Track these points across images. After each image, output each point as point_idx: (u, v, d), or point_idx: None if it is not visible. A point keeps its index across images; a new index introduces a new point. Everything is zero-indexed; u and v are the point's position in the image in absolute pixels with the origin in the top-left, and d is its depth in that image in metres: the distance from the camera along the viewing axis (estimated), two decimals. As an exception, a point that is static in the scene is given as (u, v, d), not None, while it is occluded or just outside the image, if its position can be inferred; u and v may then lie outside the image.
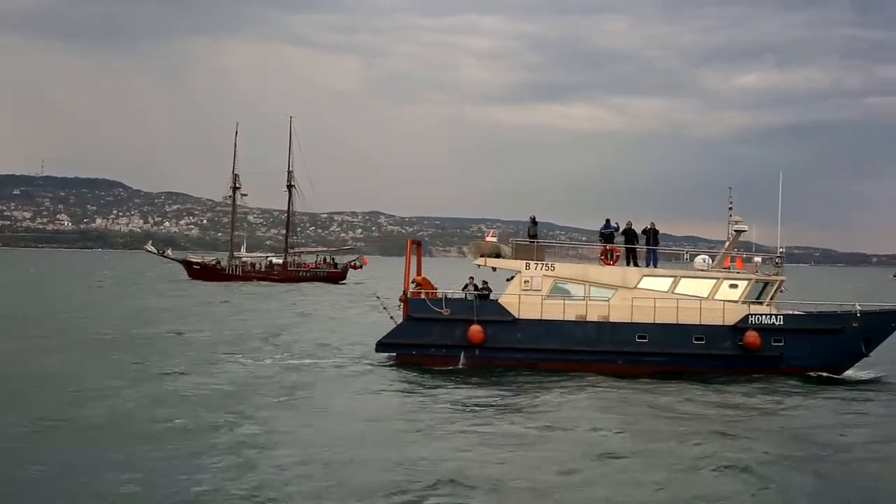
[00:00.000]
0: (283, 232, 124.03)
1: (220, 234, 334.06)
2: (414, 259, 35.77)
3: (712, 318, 31.89)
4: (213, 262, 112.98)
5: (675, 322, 32.05)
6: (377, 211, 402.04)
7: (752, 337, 31.40)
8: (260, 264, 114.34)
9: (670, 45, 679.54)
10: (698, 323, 31.96)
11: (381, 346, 34.17)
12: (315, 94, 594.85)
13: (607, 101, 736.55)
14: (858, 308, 32.07)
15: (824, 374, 31.83)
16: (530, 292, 33.24)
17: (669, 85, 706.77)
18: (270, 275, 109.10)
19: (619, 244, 34.44)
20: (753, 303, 32.22)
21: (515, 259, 34.14)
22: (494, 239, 35.24)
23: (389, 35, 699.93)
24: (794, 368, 31.64)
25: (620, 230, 34.71)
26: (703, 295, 32.36)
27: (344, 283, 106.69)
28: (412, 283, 34.70)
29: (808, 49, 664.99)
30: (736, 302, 32.13)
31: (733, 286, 32.37)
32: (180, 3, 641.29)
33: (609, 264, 33.67)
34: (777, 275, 32.71)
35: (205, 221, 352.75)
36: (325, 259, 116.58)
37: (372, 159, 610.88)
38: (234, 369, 31.31)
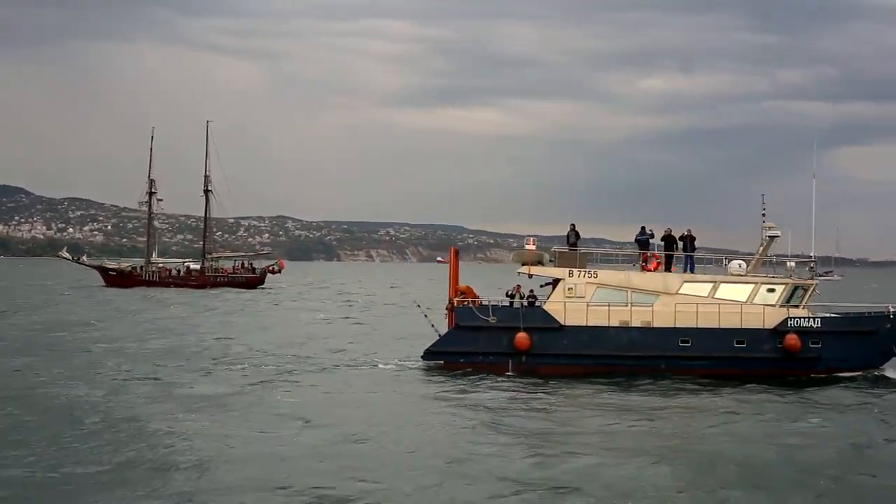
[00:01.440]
0: (189, 237, 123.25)
1: (125, 239, 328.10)
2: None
3: (753, 322, 33.24)
4: (130, 269, 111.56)
5: (716, 326, 33.32)
6: (284, 216, 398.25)
7: (791, 340, 32.83)
8: (177, 270, 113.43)
9: (573, 49, 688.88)
10: (739, 327, 33.29)
11: (429, 354, 34.72)
12: (217, 98, 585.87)
13: (511, 105, 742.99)
14: (892, 310, 33.76)
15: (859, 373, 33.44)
16: (574, 299, 34.18)
17: (573, 89, 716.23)
18: (188, 280, 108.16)
19: (656, 250, 35.61)
20: (790, 306, 33.67)
21: (559, 267, 35.02)
22: (534, 247, 35.97)
23: (293, 39, 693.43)
24: (830, 369, 33.20)
25: (659, 237, 35.80)
26: (742, 299, 33.71)
27: (263, 288, 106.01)
28: (457, 291, 35.34)
29: (710, 54, 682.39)
30: (774, 306, 33.55)
31: (771, 290, 33.80)
32: (77, 8, 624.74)
33: (650, 270, 34.82)
34: (812, 279, 34.24)
35: (109, 227, 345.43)
36: (242, 264, 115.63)
37: (277, 164, 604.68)
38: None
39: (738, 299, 33.72)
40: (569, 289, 34.38)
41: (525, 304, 34.72)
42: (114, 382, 30.33)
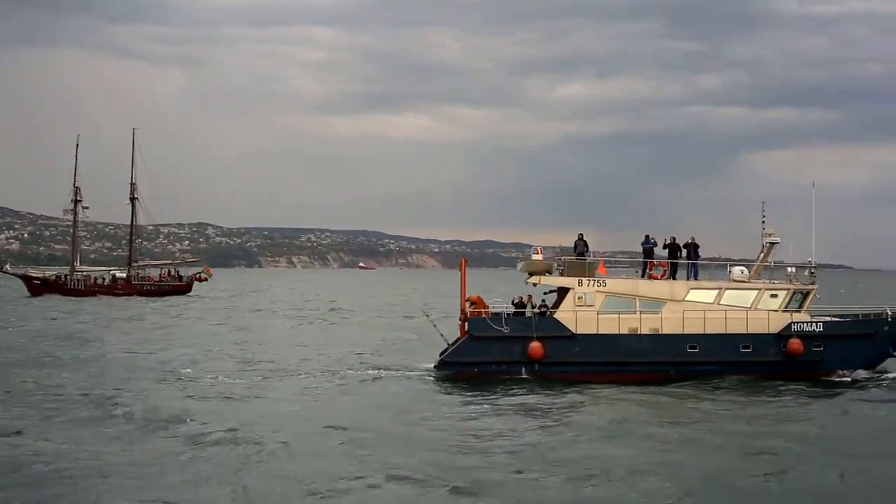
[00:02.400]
0: (109, 245, 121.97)
1: (42, 248, 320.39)
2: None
3: (758, 327, 34.40)
4: (54, 277, 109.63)
5: (723, 332, 34.39)
6: (204, 222, 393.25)
7: (795, 343, 34.06)
8: (103, 278, 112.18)
9: (496, 56, 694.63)
10: (745, 332, 34.42)
11: (443, 364, 35.11)
12: (140, 106, 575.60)
13: (438, 112, 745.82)
14: (890, 312, 35.24)
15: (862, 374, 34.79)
16: (584, 308, 34.93)
17: (497, 95, 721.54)
18: (114, 289, 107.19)
19: (661, 258, 36.60)
20: (792, 311, 34.91)
21: (567, 276, 35.73)
22: (541, 257, 36.64)
23: (219, 46, 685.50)
24: (831, 371, 34.54)
25: (661, 245, 36.75)
26: (747, 305, 34.81)
27: (190, 296, 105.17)
28: (467, 301, 35.82)
29: (627, 60, 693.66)
30: (777, 311, 34.76)
31: (773, 296, 34.97)
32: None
33: (657, 279, 35.77)
34: (812, 284, 35.54)
35: (26, 235, 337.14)
36: (169, 272, 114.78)
37: (198, 170, 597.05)
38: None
39: (742, 305, 34.80)
40: (578, 298, 35.09)
41: (537, 313, 35.33)
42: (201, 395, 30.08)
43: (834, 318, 35.82)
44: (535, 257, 36.71)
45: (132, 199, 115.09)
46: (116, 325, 61.48)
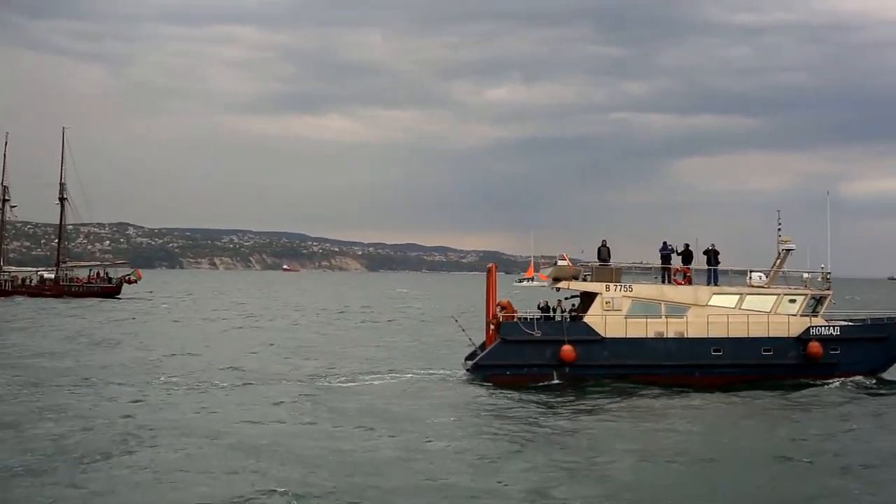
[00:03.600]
0: (27, 244, 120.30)
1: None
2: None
3: (779, 331, 35.83)
4: None
5: (745, 336, 35.76)
6: (125, 222, 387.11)
7: (814, 347, 35.56)
8: (30, 279, 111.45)
9: (423, 58, 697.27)
10: (766, 336, 35.85)
11: (478, 367, 35.86)
12: (60, 103, 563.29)
13: (361, 113, 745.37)
14: (902, 317, 37.08)
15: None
16: (612, 312, 36.01)
17: (423, 98, 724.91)
18: (42, 290, 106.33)
19: (677, 264, 37.84)
20: (810, 315, 36.44)
21: (595, 281, 36.77)
22: (568, 263, 37.58)
23: (140, 43, 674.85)
24: (846, 374, 36.13)
25: (678, 251, 38.00)
26: (766, 310, 36.21)
27: (119, 298, 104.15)
28: (498, 306, 36.69)
29: (554, 66, 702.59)
30: (795, 315, 36.26)
31: (792, 301, 36.43)
32: None
33: (681, 284, 37.02)
34: (827, 290, 37.15)
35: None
36: (98, 273, 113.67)
37: (118, 169, 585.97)
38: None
39: (762, 310, 36.20)
40: (606, 302, 36.13)
41: (567, 317, 36.30)
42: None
43: (848, 323, 37.43)
44: (561, 263, 37.58)
45: (61, 200, 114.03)
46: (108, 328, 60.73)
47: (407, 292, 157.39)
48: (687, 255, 37.96)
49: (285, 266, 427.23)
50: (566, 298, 38.11)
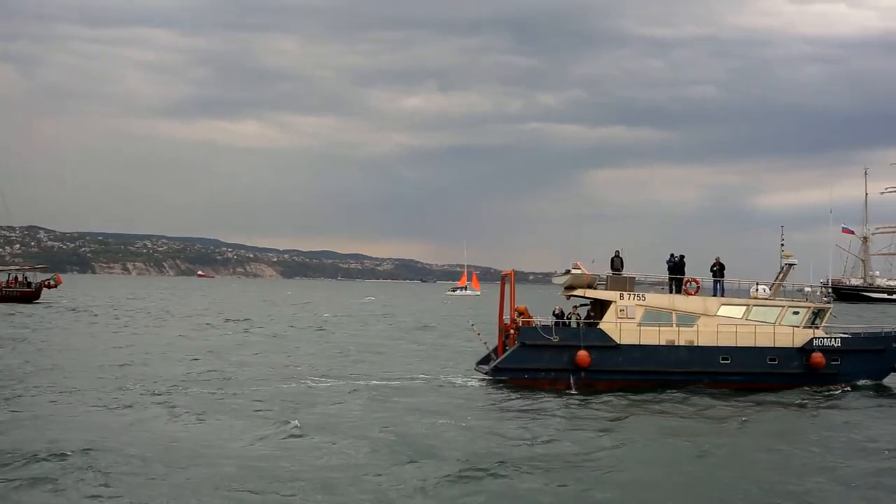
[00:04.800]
0: None
1: None
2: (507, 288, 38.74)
3: (784, 342, 37.29)
4: None
5: (752, 345, 37.15)
6: (36, 226, 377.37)
7: (817, 357, 37.10)
8: None
9: (339, 65, 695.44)
10: (772, 345, 37.29)
11: (497, 370, 36.56)
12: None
13: (275, 119, 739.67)
14: (897, 331, 38.88)
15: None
16: (626, 320, 37.09)
17: (338, 104, 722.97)
18: None
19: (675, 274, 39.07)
20: (813, 327, 37.99)
21: (610, 290, 37.80)
22: (584, 271, 38.49)
23: (50, 43, 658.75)
24: (846, 384, 37.74)
25: (677, 262, 39.25)
26: (771, 321, 37.69)
27: (39, 303, 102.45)
28: (516, 311, 37.48)
29: (469, 75, 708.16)
30: (799, 327, 37.79)
31: (795, 313, 37.93)
32: None
33: (691, 294, 38.27)
34: (828, 303, 38.79)
35: None
36: (16, 277, 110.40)
37: (29, 171, 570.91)
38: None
39: (768, 321, 37.64)
40: (620, 310, 37.19)
41: (584, 324, 37.26)
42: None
43: (848, 335, 39.11)
44: (575, 272, 38.47)
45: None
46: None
47: (373, 300, 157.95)
48: (679, 266, 39.22)
49: (200, 272, 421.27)
50: (575, 307, 39.04)
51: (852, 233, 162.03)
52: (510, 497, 19.10)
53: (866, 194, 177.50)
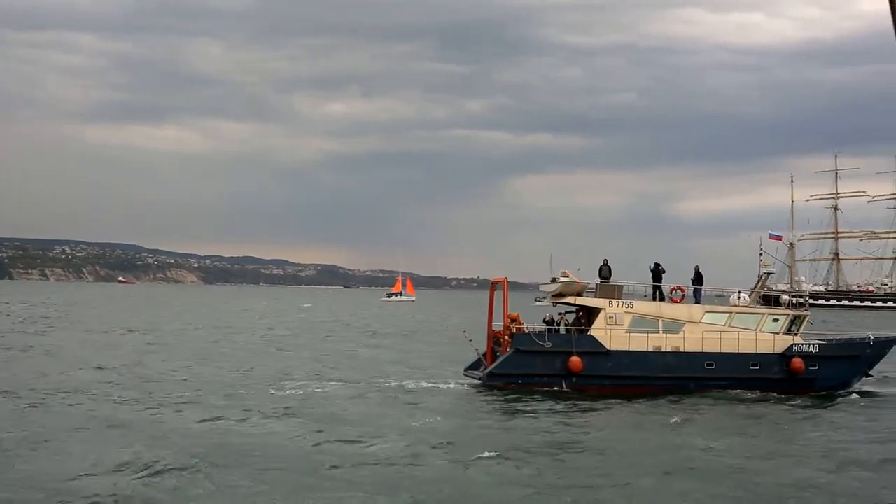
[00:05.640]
0: None
1: None
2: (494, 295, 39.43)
3: (765, 348, 38.59)
4: None
5: (736, 351, 38.41)
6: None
7: (797, 363, 38.48)
8: None
9: (263, 70, 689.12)
10: (754, 352, 38.58)
11: (492, 375, 37.23)
12: None
13: (200, 124, 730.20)
14: (872, 337, 40.46)
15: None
16: (615, 327, 38.08)
17: (260, 110, 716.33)
18: None
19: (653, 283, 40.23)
20: (791, 334, 39.39)
21: (599, 297, 38.76)
22: (574, 279, 39.37)
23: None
24: (823, 388, 39.23)
25: (663, 270, 40.39)
26: (753, 328, 39.01)
27: None
28: (509, 318, 38.23)
29: (394, 81, 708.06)
30: (779, 333, 39.18)
31: (775, 320, 39.33)
32: None
33: (677, 302, 39.42)
34: (806, 311, 40.27)
35: None
36: None
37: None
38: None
39: (749, 328, 38.94)
40: (609, 317, 38.17)
41: (575, 331, 38.14)
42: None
43: (824, 342, 40.62)
44: (564, 280, 39.32)
45: None
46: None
47: (311, 306, 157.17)
48: (655, 273, 40.37)
49: (120, 278, 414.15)
50: (561, 314, 39.91)
51: (780, 239, 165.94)
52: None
53: (792, 201, 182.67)
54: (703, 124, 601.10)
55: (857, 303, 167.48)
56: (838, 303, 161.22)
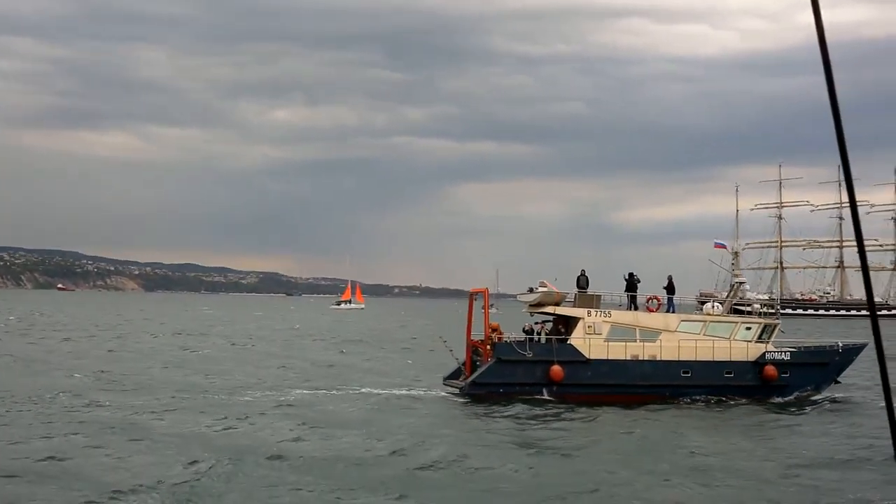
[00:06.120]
0: None
1: None
2: (471, 307, 39.95)
3: (739, 356, 39.47)
4: None
5: (710, 359, 39.25)
6: None
7: (770, 370, 39.42)
8: None
9: (207, 77, 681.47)
10: (728, 359, 39.46)
11: (475, 385, 37.56)
12: None
13: (142, 130, 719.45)
14: (840, 344, 41.58)
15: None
16: (594, 336, 38.71)
17: (205, 116, 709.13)
18: None
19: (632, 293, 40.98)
20: (763, 342, 40.33)
21: (578, 307, 39.36)
22: (553, 289, 39.88)
23: None
24: (794, 395, 40.22)
25: (638, 280, 41.14)
26: (726, 336, 39.90)
27: None
28: (490, 329, 38.66)
29: (337, 89, 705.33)
30: (751, 342, 40.09)
31: (748, 328, 40.25)
32: None
33: (653, 311, 40.17)
34: (777, 319, 41.26)
35: None
36: None
37: None
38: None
39: (723, 336, 39.81)
40: (588, 327, 38.79)
41: (556, 339, 38.68)
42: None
43: (796, 349, 41.64)
44: (543, 290, 39.81)
45: None
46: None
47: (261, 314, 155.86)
48: (631, 284, 41.12)
49: (60, 285, 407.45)
50: (538, 322, 40.46)
51: (724, 247, 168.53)
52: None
53: (737, 210, 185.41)
54: (647, 134, 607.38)
55: (800, 311, 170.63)
56: (781, 311, 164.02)
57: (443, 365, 41.81)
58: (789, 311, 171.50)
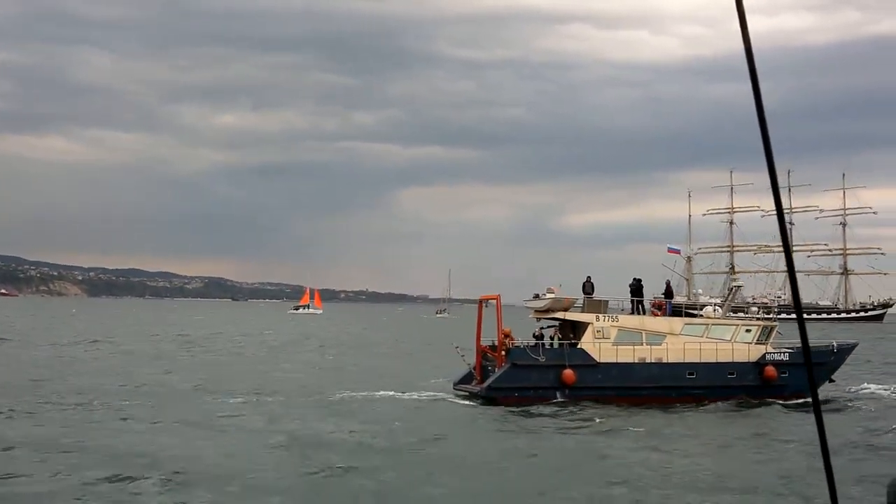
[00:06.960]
0: None
1: None
2: (483, 313, 40.88)
3: (740, 357, 40.87)
4: None
5: (714, 361, 40.59)
6: None
7: (770, 371, 40.86)
8: None
9: (151, 81, 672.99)
10: (731, 361, 40.82)
11: (491, 389, 38.46)
12: None
13: (83, 134, 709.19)
14: (836, 345, 43.16)
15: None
16: (602, 340, 39.85)
17: (149, 120, 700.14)
18: None
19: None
20: (763, 343, 41.76)
21: (586, 312, 40.47)
22: (560, 295, 40.95)
23: None
24: (792, 394, 41.69)
25: (642, 285, 42.42)
26: (727, 338, 41.25)
27: None
28: (503, 334, 39.62)
29: (284, 93, 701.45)
30: (752, 343, 41.50)
31: (748, 331, 41.65)
32: None
33: (657, 315, 41.41)
34: (775, 321, 42.73)
35: None
36: None
37: None
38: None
39: (725, 338, 41.16)
40: (597, 331, 39.91)
41: (566, 344, 39.75)
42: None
43: (793, 350, 43.08)
44: (549, 296, 40.85)
45: None
46: None
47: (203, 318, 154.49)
48: (634, 288, 42.35)
49: (2, 290, 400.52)
50: (542, 328, 41.48)
51: (678, 252, 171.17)
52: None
53: (690, 216, 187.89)
54: (591, 138, 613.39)
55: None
56: (734, 315, 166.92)
57: (439, 368, 42.60)
58: (741, 314, 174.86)
